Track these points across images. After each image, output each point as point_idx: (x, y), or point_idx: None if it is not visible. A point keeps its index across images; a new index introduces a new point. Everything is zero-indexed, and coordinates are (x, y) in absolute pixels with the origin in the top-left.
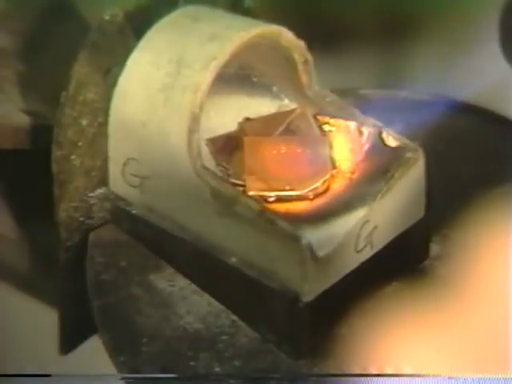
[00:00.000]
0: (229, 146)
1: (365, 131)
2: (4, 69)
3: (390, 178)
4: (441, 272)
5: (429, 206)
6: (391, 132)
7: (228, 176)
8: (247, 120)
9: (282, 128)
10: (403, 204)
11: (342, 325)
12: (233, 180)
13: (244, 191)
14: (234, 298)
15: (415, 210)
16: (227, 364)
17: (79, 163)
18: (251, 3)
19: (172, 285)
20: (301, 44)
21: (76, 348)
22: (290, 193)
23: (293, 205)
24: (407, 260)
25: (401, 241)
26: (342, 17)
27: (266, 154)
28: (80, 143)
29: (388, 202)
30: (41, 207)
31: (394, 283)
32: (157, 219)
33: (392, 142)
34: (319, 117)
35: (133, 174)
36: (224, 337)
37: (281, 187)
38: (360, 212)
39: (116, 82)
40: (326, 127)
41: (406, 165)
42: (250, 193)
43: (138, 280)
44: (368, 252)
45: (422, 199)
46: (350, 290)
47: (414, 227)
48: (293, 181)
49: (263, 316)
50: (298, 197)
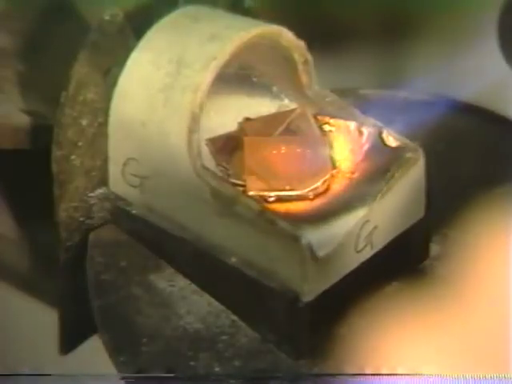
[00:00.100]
0: (229, 146)
1: (365, 131)
2: (4, 69)
3: (390, 178)
4: (441, 272)
5: (429, 206)
6: (391, 132)
7: (228, 176)
8: (247, 120)
9: (282, 128)
10: (403, 204)
11: (342, 325)
12: (233, 180)
13: (244, 191)
14: (234, 298)
15: (415, 210)
16: (227, 364)
17: (79, 163)
18: (251, 3)
19: (172, 285)
20: (301, 44)
21: (76, 348)
22: (290, 193)
23: (293, 205)
24: (407, 260)
25: (401, 241)
26: (342, 17)
27: (266, 154)
28: (80, 143)
29: (388, 202)
30: (41, 207)
31: (394, 283)
32: (157, 219)
33: (392, 142)
34: (319, 117)
35: (133, 174)
36: (224, 337)
37: (281, 187)
38: (360, 212)
39: (116, 82)
40: (326, 127)
41: (406, 165)
42: (250, 193)
43: (138, 280)
44: (368, 252)
45: (422, 199)
46: (350, 290)
47: (414, 227)
48: (293, 181)
49: (263, 316)
50: (298, 197)
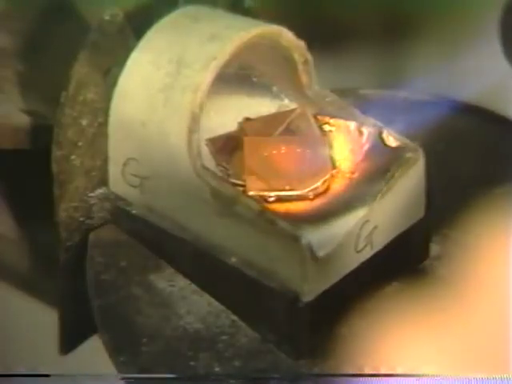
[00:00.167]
0: (229, 146)
1: (365, 131)
2: (4, 69)
3: (390, 178)
4: (441, 272)
5: (429, 206)
6: (391, 132)
7: (228, 176)
8: (247, 120)
9: (282, 128)
10: (403, 204)
11: (342, 325)
12: (233, 180)
13: (244, 191)
14: (234, 298)
15: (415, 210)
16: (227, 364)
17: (79, 163)
18: (251, 3)
19: (172, 285)
20: (301, 44)
21: (76, 348)
22: (290, 193)
23: (293, 205)
24: (407, 260)
25: (401, 241)
26: (342, 17)
27: (266, 154)
28: (80, 143)
29: (388, 202)
30: (41, 207)
31: (394, 283)
32: (157, 219)
33: (392, 142)
34: (319, 117)
35: (133, 174)
36: (224, 337)
37: (281, 187)
38: (360, 212)
39: (116, 82)
40: (326, 127)
41: (406, 165)
42: (250, 193)
43: (138, 280)
44: (368, 252)
45: (422, 199)
46: (350, 290)
47: (414, 227)
48: (293, 181)
49: (263, 316)
50: (298, 197)
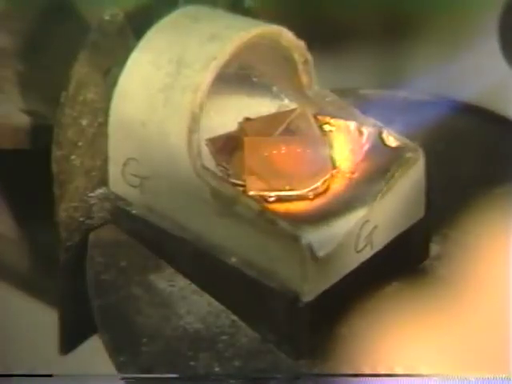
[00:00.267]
0: (229, 146)
1: (365, 131)
2: (4, 69)
3: (390, 178)
4: (441, 272)
5: (429, 206)
6: (391, 132)
7: (228, 176)
8: (247, 120)
9: (282, 128)
10: (403, 204)
11: (342, 325)
12: (233, 180)
13: (244, 191)
14: (234, 298)
15: (415, 210)
16: (227, 364)
17: (79, 163)
18: (251, 3)
19: (172, 285)
20: (301, 44)
21: (76, 348)
22: (290, 193)
23: (293, 205)
24: (407, 260)
25: (401, 241)
26: (342, 17)
27: (266, 154)
28: (80, 143)
29: (388, 202)
30: (41, 207)
31: (394, 283)
32: (157, 219)
33: (392, 142)
34: (319, 117)
35: (133, 174)
36: (224, 337)
37: (281, 187)
38: (360, 212)
39: (116, 82)
40: (326, 127)
41: (406, 165)
42: (250, 193)
43: (138, 280)
44: (368, 252)
45: (422, 199)
46: (350, 290)
47: (414, 227)
48: (293, 181)
49: (263, 316)
50: (298, 197)
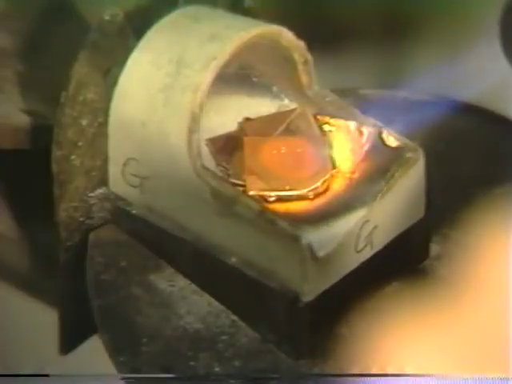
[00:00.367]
0: (229, 146)
1: (365, 131)
2: (4, 69)
3: (390, 178)
4: (441, 272)
5: (429, 206)
6: (391, 132)
7: (228, 176)
8: (247, 120)
9: (282, 128)
10: (403, 204)
11: (342, 325)
12: (233, 180)
13: (244, 191)
14: (234, 298)
15: (415, 210)
16: (227, 364)
17: (79, 163)
18: (251, 3)
19: (172, 285)
20: (301, 44)
21: (76, 348)
22: (290, 193)
23: (293, 205)
24: (407, 260)
25: (401, 241)
26: (342, 17)
27: (266, 154)
28: (80, 143)
29: (388, 202)
30: (41, 207)
31: (394, 283)
32: (157, 219)
33: (392, 142)
34: (319, 117)
35: (133, 174)
36: (224, 337)
37: (281, 187)
38: (360, 212)
39: (116, 82)
40: (326, 127)
41: (406, 165)
42: (250, 193)
43: (138, 280)
44: (368, 252)
45: (422, 199)
46: (350, 290)
47: (414, 227)
48: (293, 181)
49: (263, 316)
50: (298, 197)
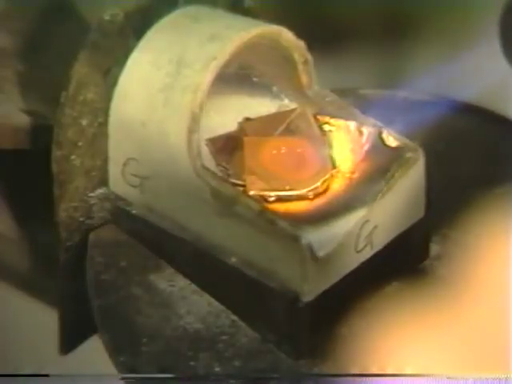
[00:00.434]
0: (229, 146)
1: (365, 131)
2: (4, 69)
3: (390, 178)
4: (441, 272)
5: (429, 206)
6: (391, 132)
7: (228, 176)
8: (247, 120)
9: (282, 128)
10: (403, 204)
11: (342, 325)
12: (233, 180)
13: (244, 191)
14: (234, 298)
15: (415, 210)
16: (227, 364)
17: (79, 163)
18: (251, 3)
19: (172, 285)
20: (301, 44)
21: (76, 348)
22: (290, 193)
23: (293, 205)
24: (407, 260)
25: (401, 241)
26: (342, 17)
27: (266, 154)
28: (80, 143)
29: (388, 202)
30: (41, 207)
31: (394, 283)
32: (157, 219)
33: (392, 142)
34: (319, 117)
35: (133, 174)
36: (224, 337)
37: (281, 187)
38: (360, 212)
39: (116, 82)
40: (326, 127)
41: (406, 165)
42: (250, 193)
43: (138, 280)
44: (368, 252)
45: (422, 199)
46: (350, 290)
47: (414, 227)
48: (293, 181)
49: (263, 316)
50: (298, 197)
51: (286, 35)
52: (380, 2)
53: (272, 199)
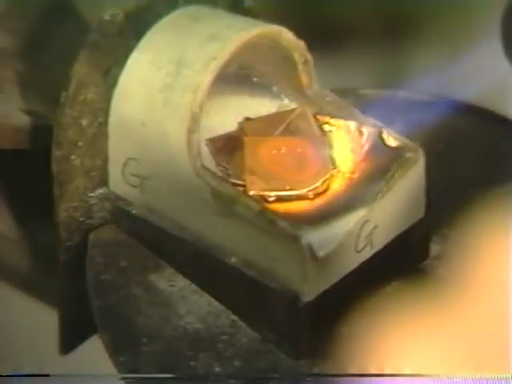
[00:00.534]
0: (229, 146)
1: (365, 131)
2: (4, 69)
3: (390, 178)
4: (441, 272)
5: (429, 206)
6: (391, 132)
7: (228, 176)
8: (247, 120)
9: (282, 128)
10: (403, 204)
11: (342, 325)
12: (233, 180)
13: (244, 191)
14: (234, 298)
15: (415, 210)
16: (227, 364)
17: (79, 163)
18: (251, 3)
19: (172, 285)
20: (301, 44)
21: (76, 348)
22: (290, 193)
23: (293, 205)
24: (407, 260)
25: (401, 241)
26: (342, 17)
27: (266, 154)
28: (80, 143)
29: (388, 202)
30: (41, 207)
31: (394, 283)
32: (157, 219)
33: (392, 142)
34: (319, 117)
35: (133, 174)
36: (224, 337)
37: (281, 187)
38: (360, 212)
39: (116, 82)
40: (326, 127)
41: (406, 165)
42: (250, 193)
43: (138, 280)
44: (368, 252)
45: (422, 199)
46: (350, 290)
47: (414, 227)
48: (293, 181)
49: (263, 316)
50: (298, 197)
51: (286, 35)
52: (380, 2)
53: (272, 199)
